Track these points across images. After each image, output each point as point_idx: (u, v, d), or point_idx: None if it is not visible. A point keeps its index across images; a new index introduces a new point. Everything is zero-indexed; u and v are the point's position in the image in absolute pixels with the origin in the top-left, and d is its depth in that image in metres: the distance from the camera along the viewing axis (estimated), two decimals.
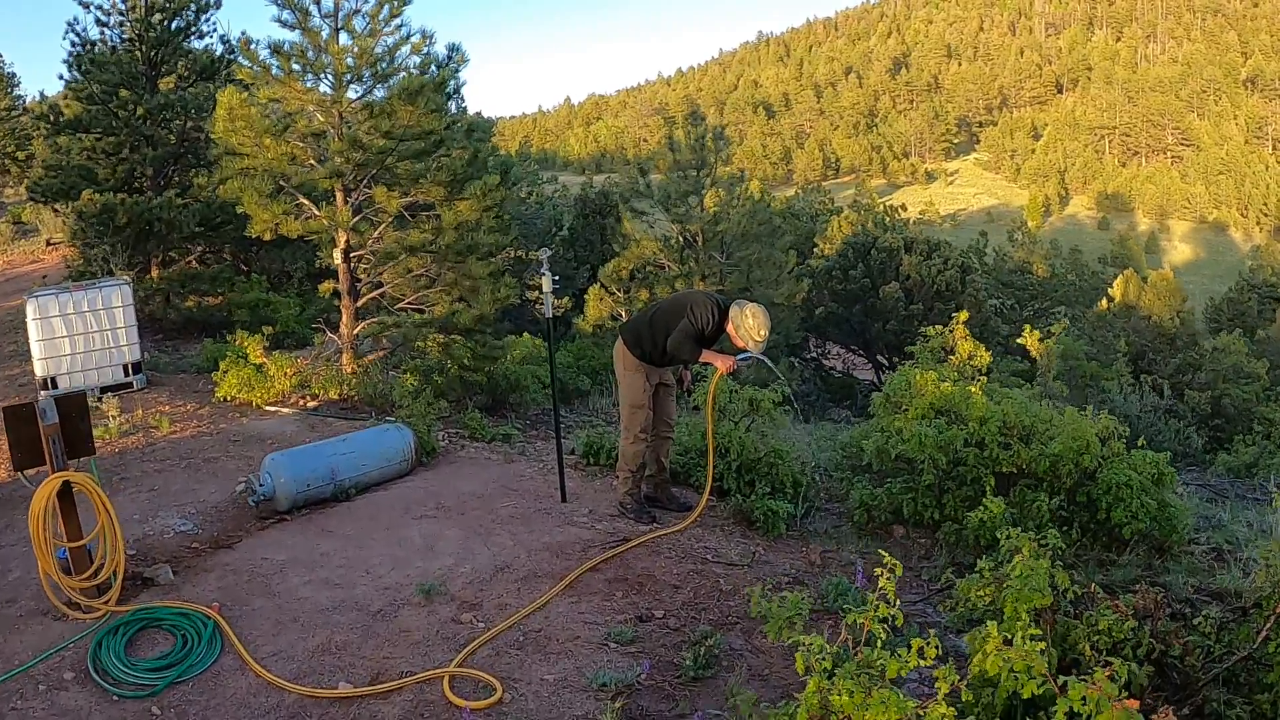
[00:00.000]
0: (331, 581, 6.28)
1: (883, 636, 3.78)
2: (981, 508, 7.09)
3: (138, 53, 17.14)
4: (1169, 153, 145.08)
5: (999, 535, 7.08)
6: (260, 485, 7.69)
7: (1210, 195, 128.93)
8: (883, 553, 3.99)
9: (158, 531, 7.27)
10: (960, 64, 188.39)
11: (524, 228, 26.79)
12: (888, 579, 3.79)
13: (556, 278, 7.45)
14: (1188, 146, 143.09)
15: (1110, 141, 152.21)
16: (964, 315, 11.98)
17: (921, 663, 3.55)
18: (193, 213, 15.99)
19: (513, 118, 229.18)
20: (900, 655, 3.61)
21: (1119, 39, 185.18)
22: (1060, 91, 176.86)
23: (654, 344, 7.14)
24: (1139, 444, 7.87)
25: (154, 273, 17.37)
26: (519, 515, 7.37)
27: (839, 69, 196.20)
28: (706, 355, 6.98)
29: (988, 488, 7.55)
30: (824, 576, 6.69)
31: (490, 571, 6.27)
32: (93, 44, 17.17)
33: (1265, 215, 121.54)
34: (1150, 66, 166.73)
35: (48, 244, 24.99)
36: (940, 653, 3.58)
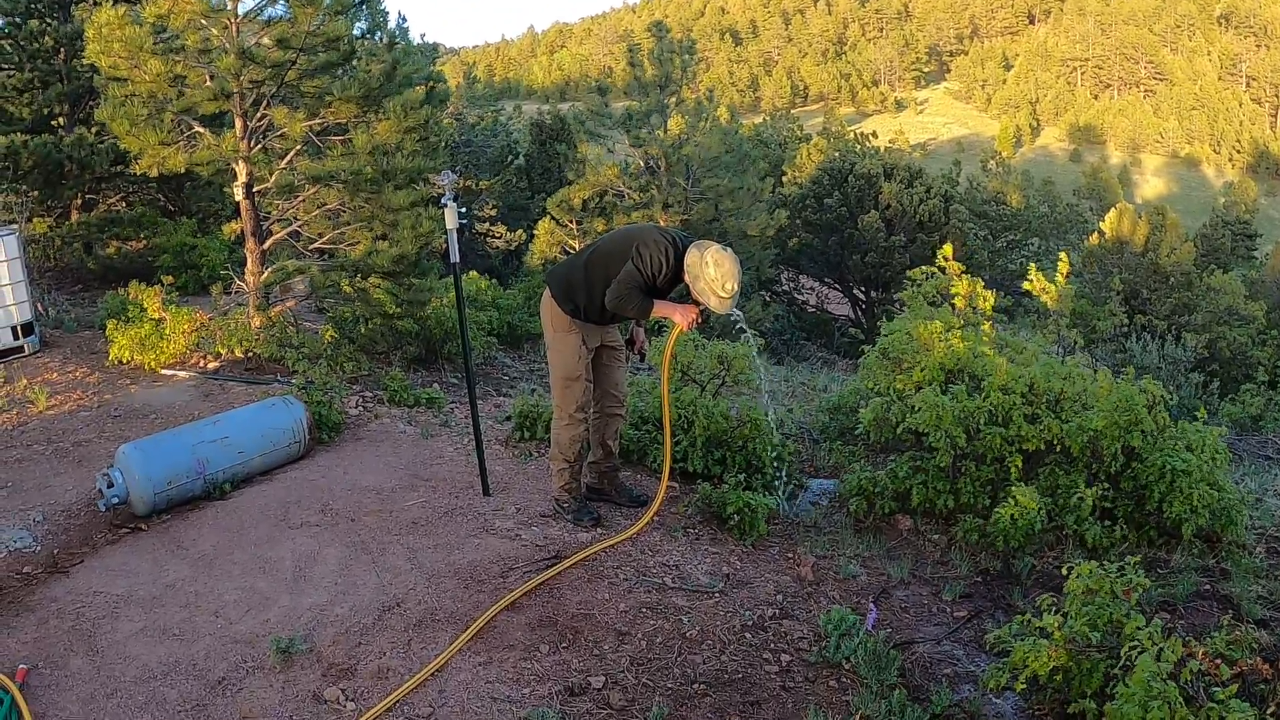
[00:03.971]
0: (170, 630, 4.68)
1: None
2: (1010, 501, 5.65)
3: None
4: (1142, 86, 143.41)
5: (1037, 529, 5.70)
6: (110, 486, 6.06)
7: (1183, 130, 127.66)
8: None
9: None
10: None
11: (473, 155, 24.76)
12: None
13: (464, 210, 5.67)
14: (1161, 81, 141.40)
15: (1082, 73, 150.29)
16: (948, 249, 10.45)
17: None
18: (106, 151, 14.14)
19: (475, 47, 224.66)
20: None
21: None
22: (1032, 22, 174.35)
23: (590, 296, 5.40)
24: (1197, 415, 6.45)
25: (74, 217, 15.60)
26: (425, 519, 5.75)
27: None
28: (661, 308, 5.26)
29: (1013, 469, 6.09)
30: (819, 600, 5.18)
31: (375, 612, 4.67)
32: None
33: (1238, 152, 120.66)
34: None
35: None
36: None
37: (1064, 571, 4.19)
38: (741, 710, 4.07)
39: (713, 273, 5.08)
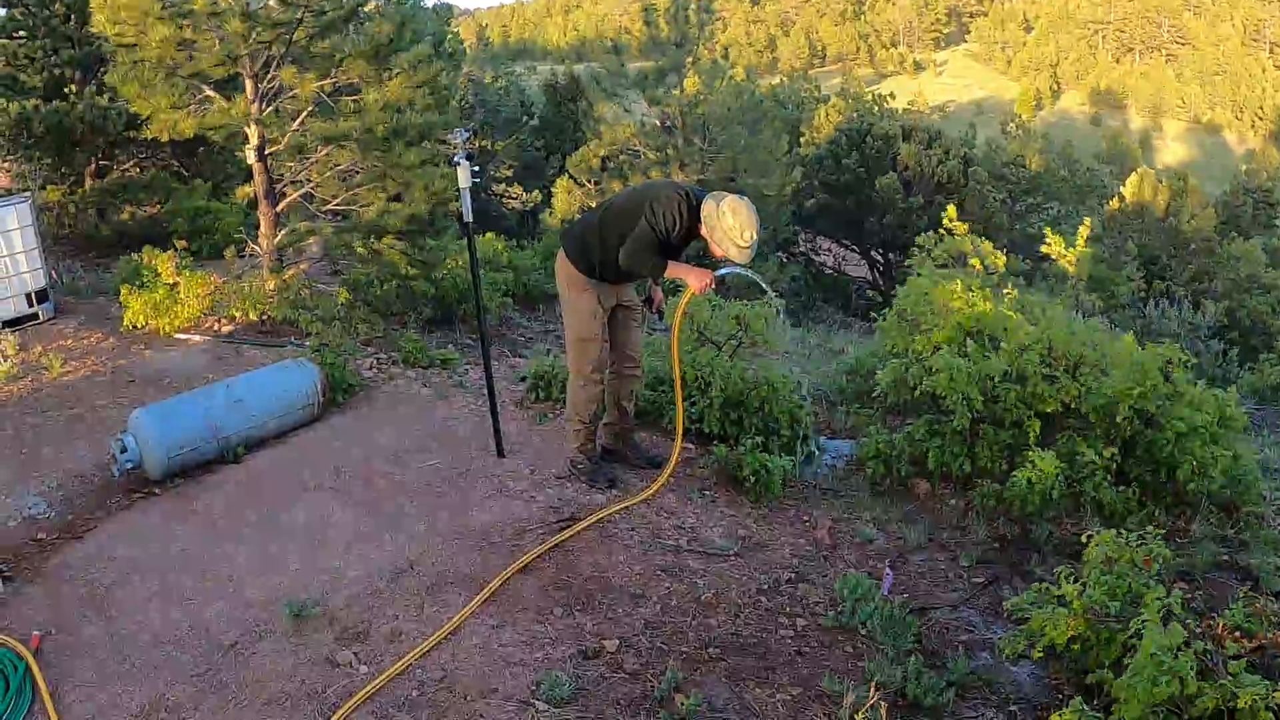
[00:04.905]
0: (182, 595, 4.68)
1: None
2: (1028, 465, 5.58)
3: None
4: (1164, 51, 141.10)
5: (1054, 494, 5.63)
6: (124, 451, 6.04)
7: (1205, 96, 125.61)
8: None
9: (3, 517, 5.73)
10: None
11: (488, 115, 24.61)
12: None
13: (477, 169, 5.61)
14: (1183, 45, 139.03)
15: (1104, 36, 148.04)
16: (952, 210, 10.36)
17: None
18: (118, 115, 14.06)
19: (490, 9, 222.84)
20: None
21: None
22: None
23: (604, 255, 5.31)
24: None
25: (87, 184, 15.57)
26: (439, 481, 5.73)
27: None
28: (674, 269, 5.17)
29: (1031, 433, 6.01)
30: (835, 564, 5.14)
31: (388, 575, 4.65)
32: None
33: (1260, 119, 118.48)
34: None
35: None
36: None
37: (1083, 539, 4.13)
38: (756, 675, 4.04)
39: (730, 221, 4.99)
